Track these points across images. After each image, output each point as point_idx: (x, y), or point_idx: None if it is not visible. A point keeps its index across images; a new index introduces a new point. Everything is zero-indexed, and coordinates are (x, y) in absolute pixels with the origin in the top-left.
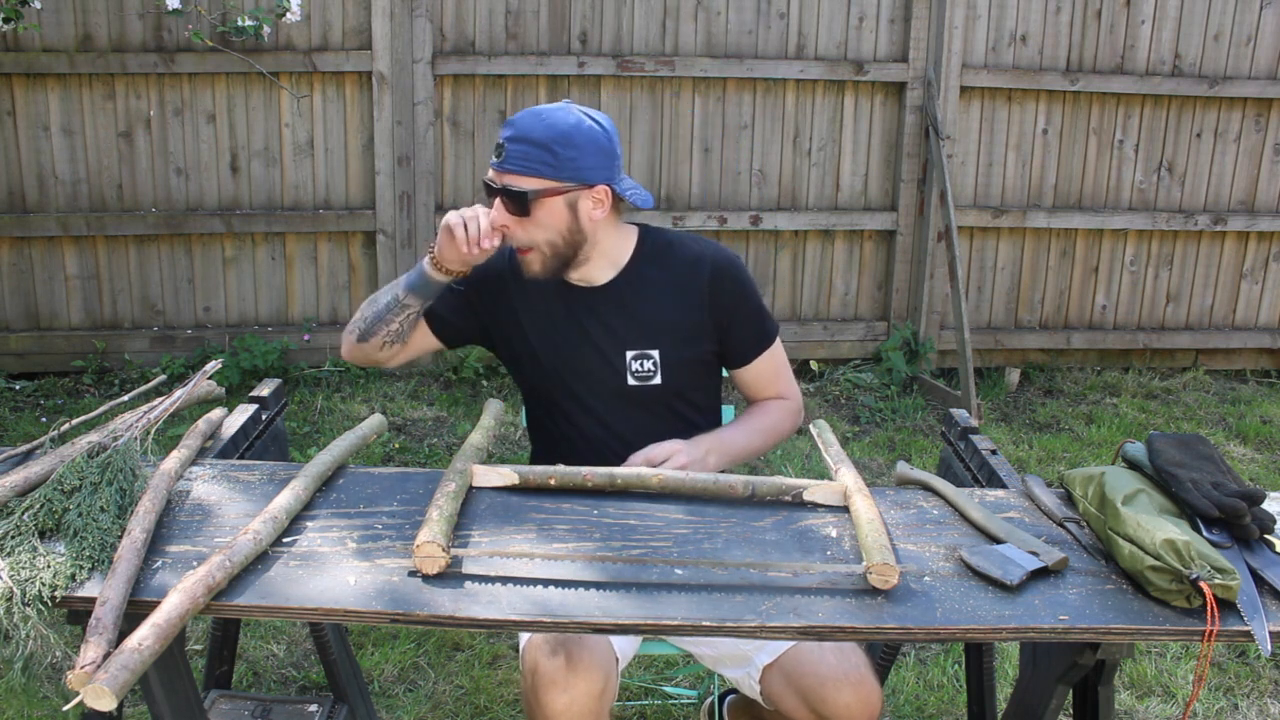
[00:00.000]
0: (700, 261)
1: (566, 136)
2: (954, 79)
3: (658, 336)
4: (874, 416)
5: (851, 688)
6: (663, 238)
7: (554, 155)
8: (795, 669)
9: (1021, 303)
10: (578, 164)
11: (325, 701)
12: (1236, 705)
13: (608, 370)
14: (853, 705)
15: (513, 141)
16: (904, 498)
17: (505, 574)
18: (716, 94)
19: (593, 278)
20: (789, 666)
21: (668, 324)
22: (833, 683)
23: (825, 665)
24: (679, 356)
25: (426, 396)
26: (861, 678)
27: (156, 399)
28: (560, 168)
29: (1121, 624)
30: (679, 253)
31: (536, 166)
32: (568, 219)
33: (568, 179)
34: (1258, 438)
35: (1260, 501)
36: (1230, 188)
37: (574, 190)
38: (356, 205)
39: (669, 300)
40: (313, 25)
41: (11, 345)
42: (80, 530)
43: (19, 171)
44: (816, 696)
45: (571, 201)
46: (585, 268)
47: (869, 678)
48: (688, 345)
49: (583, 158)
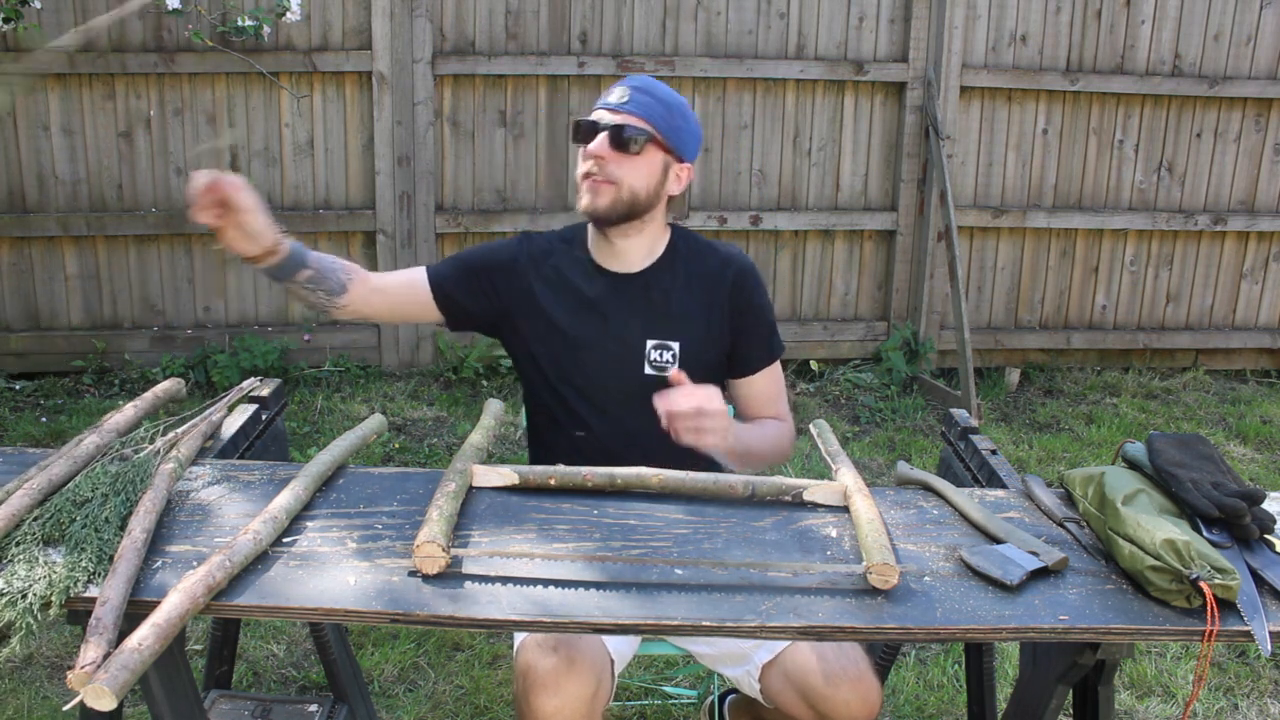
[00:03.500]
0: (728, 264)
1: (682, 108)
2: (954, 79)
3: (680, 329)
4: (874, 416)
5: (851, 685)
6: (695, 238)
7: (671, 117)
8: (794, 667)
9: (1021, 303)
10: (683, 135)
11: (325, 701)
12: (1236, 705)
13: (626, 356)
14: (852, 703)
15: (638, 91)
16: (904, 498)
17: (505, 574)
18: (716, 94)
19: (630, 262)
20: (788, 664)
21: (691, 319)
22: (832, 680)
23: (825, 663)
24: (697, 353)
25: (426, 396)
26: (860, 674)
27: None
28: (670, 132)
29: (1121, 624)
30: (709, 254)
31: (655, 119)
32: (658, 177)
33: (673, 144)
34: (1258, 438)
35: (1260, 501)
36: (1230, 188)
37: (672, 156)
38: (356, 205)
39: (695, 297)
40: (313, 25)
41: (11, 345)
42: (81, 542)
43: (19, 171)
44: (816, 694)
45: (666, 164)
46: (629, 243)
47: (868, 675)
48: (706, 345)
49: (687, 132)
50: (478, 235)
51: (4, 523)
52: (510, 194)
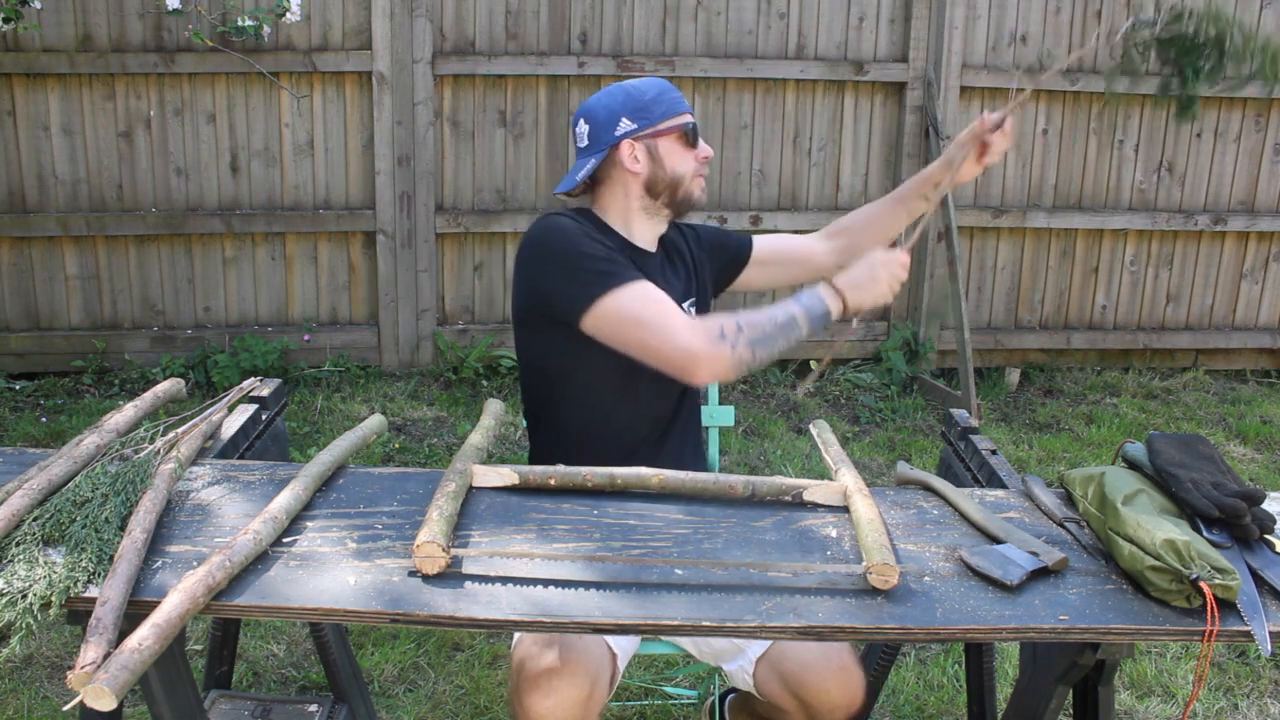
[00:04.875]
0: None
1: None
2: (954, 79)
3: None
4: (874, 416)
5: (834, 675)
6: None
7: None
8: (780, 658)
9: (1021, 303)
10: None
11: (325, 701)
12: (1236, 705)
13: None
14: (833, 692)
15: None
16: (904, 498)
17: (505, 574)
18: (716, 94)
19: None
20: (773, 655)
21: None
22: (815, 671)
23: (808, 653)
24: (703, 300)
25: (426, 396)
26: (844, 665)
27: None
28: None
29: (1121, 624)
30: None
31: None
32: None
33: None
34: (1258, 438)
35: (1260, 501)
36: (1230, 188)
37: None
38: (356, 205)
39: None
40: (313, 25)
41: (11, 345)
42: (81, 542)
43: (19, 171)
44: (798, 682)
45: None
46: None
47: (851, 666)
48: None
49: None
50: (478, 235)
51: (4, 523)
52: (510, 194)
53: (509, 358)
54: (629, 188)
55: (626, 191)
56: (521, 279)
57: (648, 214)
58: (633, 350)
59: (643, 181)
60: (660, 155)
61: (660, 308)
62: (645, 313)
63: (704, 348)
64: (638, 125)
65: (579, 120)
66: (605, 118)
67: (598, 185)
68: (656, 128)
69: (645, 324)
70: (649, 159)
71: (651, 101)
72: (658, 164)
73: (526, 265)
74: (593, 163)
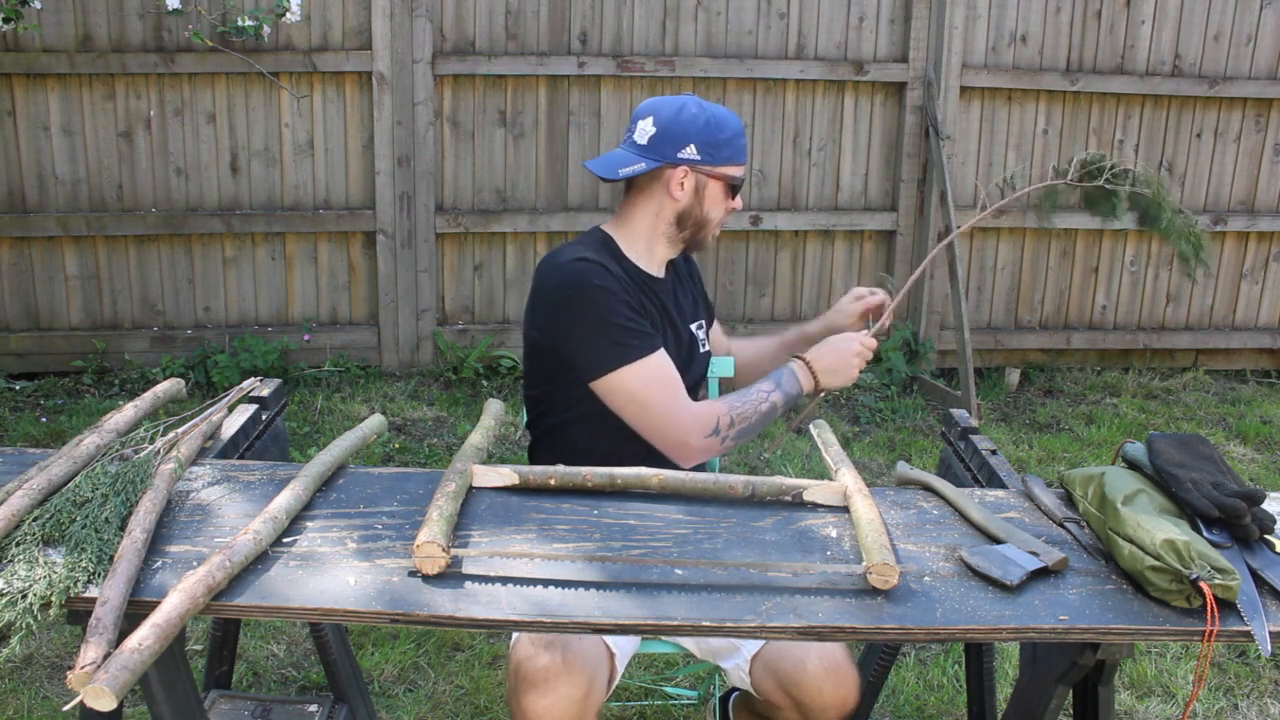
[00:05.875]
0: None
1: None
2: (954, 79)
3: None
4: (874, 416)
5: (828, 674)
6: None
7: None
8: (774, 657)
9: (1021, 303)
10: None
11: (325, 701)
12: (1236, 705)
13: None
14: (826, 691)
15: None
16: (904, 498)
17: (505, 574)
18: (716, 94)
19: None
20: (769, 655)
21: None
22: (809, 670)
23: (801, 651)
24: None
25: (426, 396)
26: (837, 664)
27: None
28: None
29: (1121, 624)
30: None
31: None
32: None
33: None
34: (1258, 438)
35: (1260, 501)
36: (1230, 188)
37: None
38: (356, 205)
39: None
40: (313, 25)
41: (11, 345)
42: (81, 542)
43: (19, 171)
44: (792, 681)
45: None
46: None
47: (845, 665)
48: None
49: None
50: (478, 235)
51: (4, 523)
52: (510, 194)
53: (509, 358)
54: (662, 210)
55: (659, 212)
56: (541, 316)
57: (668, 240)
58: (632, 425)
59: (677, 210)
60: (704, 194)
61: (666, 391)
62: (650, 395)
63: (698, 444)
64: (701, 158)
65: (647, 114)
66: (676, 133)
67: (633, 190)
68: (715, 169)
69: (649, 407)
70: (693, 193)
71: (724, 142)
72: (698, 201)
73: (552, 310)
74: (643, 166)
